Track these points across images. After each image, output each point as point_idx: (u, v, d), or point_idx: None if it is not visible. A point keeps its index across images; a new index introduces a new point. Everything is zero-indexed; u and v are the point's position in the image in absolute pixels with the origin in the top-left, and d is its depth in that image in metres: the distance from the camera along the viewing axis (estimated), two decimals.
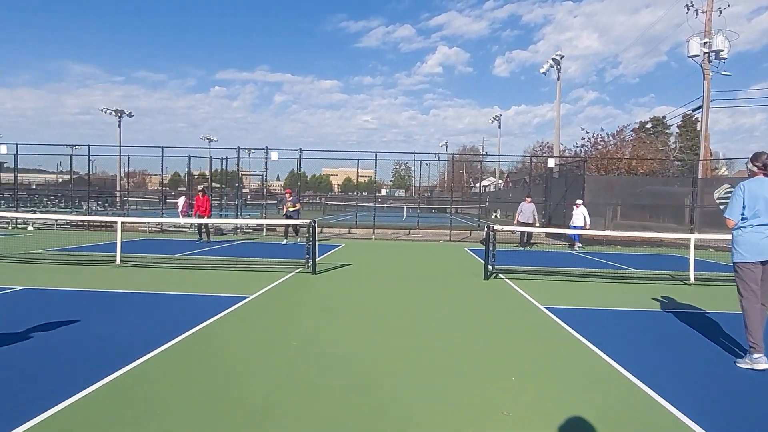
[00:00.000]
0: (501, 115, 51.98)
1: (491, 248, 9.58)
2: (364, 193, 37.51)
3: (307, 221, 10.27)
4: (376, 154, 20.07)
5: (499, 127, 52.35)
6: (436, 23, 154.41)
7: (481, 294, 8.15)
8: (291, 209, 15.90)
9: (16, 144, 20.26)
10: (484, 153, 64.70)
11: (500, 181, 51.80)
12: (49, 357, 4.34)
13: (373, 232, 19.55)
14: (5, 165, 24.74)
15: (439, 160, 39.32)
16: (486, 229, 9.83)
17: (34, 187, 31.73)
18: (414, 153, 23.50)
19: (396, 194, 57.97)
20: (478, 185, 50.39)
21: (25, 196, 24.97)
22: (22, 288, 7.40)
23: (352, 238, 18.90)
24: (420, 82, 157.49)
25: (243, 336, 5.24)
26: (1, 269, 9.17)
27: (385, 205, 40.23)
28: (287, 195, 16.33)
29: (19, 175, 22.29)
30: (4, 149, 20.13)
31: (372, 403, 3.59)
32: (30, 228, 18.67)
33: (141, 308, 6.36)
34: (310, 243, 9.57)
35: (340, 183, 71.87)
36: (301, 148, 19.41)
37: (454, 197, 26.59)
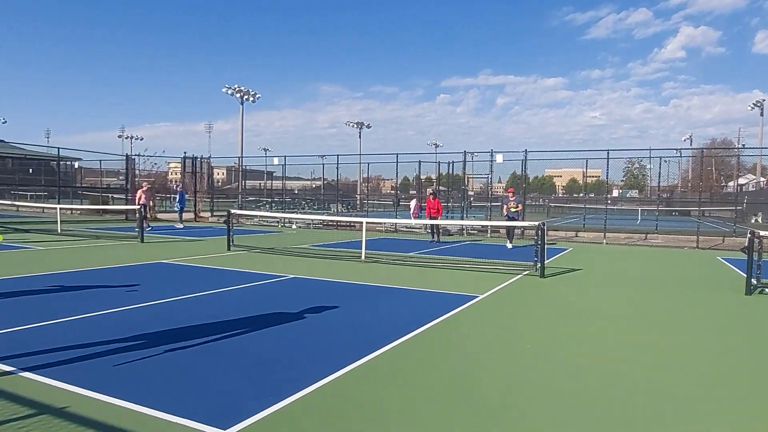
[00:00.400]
0: (764, 101, 42.83)
1: (756, 258, 8.08)
2: (591, 195, 34.96)
3: (535, 223, 10.11)
4: (608, 153, 18.55)
5: (762, 115, 43.23)
6: (677, 2, 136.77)
7: (742, 311, 6.95)
8: (513, 209, 15.61)
9: (284, 156, 24.58)
10: (740, 146, 54.09)
11: (762, 179, 42.70)
12: (317, 335, 5.21)
13: (604, 236, 18.15)
14: (274, 174, 30.10)
15: (680, 156, 34.21)
16: (749, 236, 8.31)
17: (296, 192, 37.92)
18: (650, 149, 20.99)
19: (628, 195, 52.53)
20: (732, 184, 42.41)
21: (289, 200, 30.08)
22: (291, 276, 8.96)
23: (579, 242, 17.86)
24: (657, 70, 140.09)
25: (477, 334, 5.47)
26: (275, 260, 11.23)
27: (615, 207, 36.88)
28: (510, 195, 16.06)
29: (285, 182, 26.98)
30: (276, 161, 24.63)
31: (615, 418, 3.42)
32: (294, 227, 22.37)
33: (384, 300, 7.13)
34: (539, 246, 9.42)
35: (564, 184, 68.17)
36: (526, 150, 19.10)
37: (702, 198, 22.86)
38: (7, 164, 40.50)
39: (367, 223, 13.22)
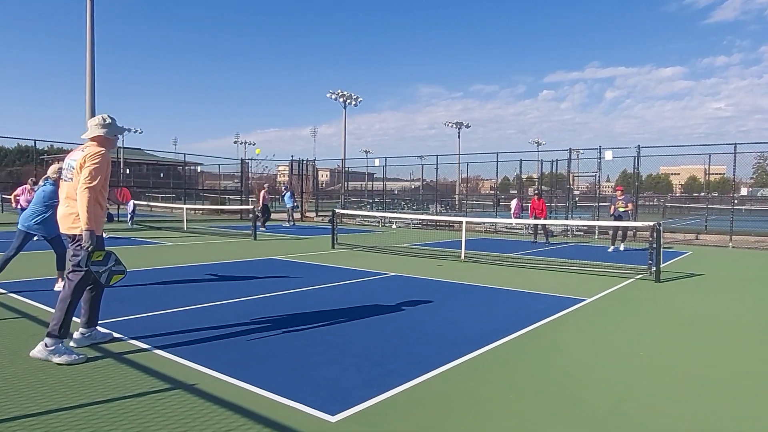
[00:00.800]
0: None
1: None
2: (714, 194, 31.75)
3: (649, 224, 9.42)
4: (735, 146, 16.66)
5: None
6: None
7: None
8: (621, 209, 14.44)
9: (385, 158, 25.11)
10: None
11: None
12: (419, 331, 5.26)
13: (730, 239, 16.41)
14: (375, 175, 30.80)
15: None
16: None
17: (396, 192, 38.58)
18: None
19: (759, 194, 46.95)
20: None
21: (389, 201, 30.65)
22: (392, 274, 9.14)
23: (700, 245, 16.33)
24: None
25: (584, 338, 5.23)
26: (377, 258, 11.51)
27: (744, 207, 33.19)
28: (618, 193, 14.89)
29: (385, 183, 27.52)
30: (377, 162, 25.24)
31: None
32: (394, 226, 22.77)
33: (484, 300, 7.04)
34: (654, 248, 8.76)
35: (683, 182, 62.53)
36: (639, 145, 17.79)
37: None
38: (143, 170, 45.43)
39: (466, 223, 13.11)
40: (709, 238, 17.77)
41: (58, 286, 6.76)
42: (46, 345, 4.02)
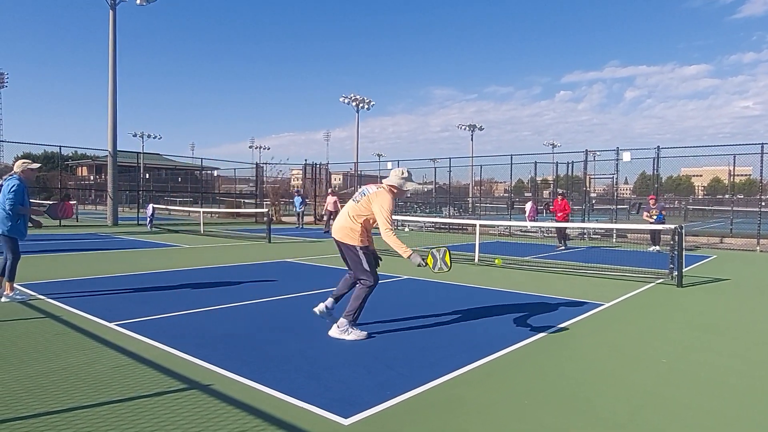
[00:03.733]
0: None
1: None
2: (740, 196, 31.16)
3: (670, 227, 9.27)
4: (762, 146, 16.20)
5: None
6: None
7: None
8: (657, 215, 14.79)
9: (398, 161, 25.13)
10: None
11: None
12: (431, 335, 5.25)
13: (758, 243, 16.05)
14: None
15: None
16: None
17: (408, 195, 38.54)
18: None
19: None
20: None
21: (401, 204, 30.62)
22: (405, 277, 9.12)
23: (725, 249, 16.02)
24: None
25: (603, 344, 5.14)
26: (389, 261, 11.46)
27: None
28: (651, 202, 15.13)
29: None
30: (389, 165, 25.23)
31: None
32: (406, 229, 22.74)
33: (499, 304, 6.96)
34: (675, 251, 8.61)
35: (705, 184, 61.40)
36: (659, 146, 17.55)
37: None
38: (161, 174, 46.07)
39: (480, 226, 13.03)
40: (735, 242, 17.41)
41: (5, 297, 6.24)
42: (338, 326, 4.91)
